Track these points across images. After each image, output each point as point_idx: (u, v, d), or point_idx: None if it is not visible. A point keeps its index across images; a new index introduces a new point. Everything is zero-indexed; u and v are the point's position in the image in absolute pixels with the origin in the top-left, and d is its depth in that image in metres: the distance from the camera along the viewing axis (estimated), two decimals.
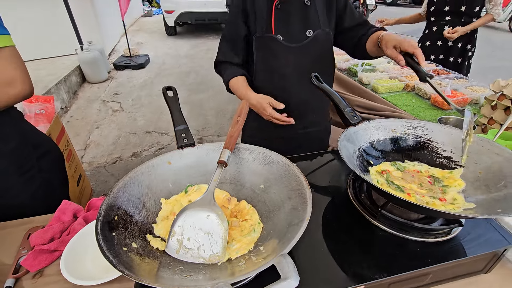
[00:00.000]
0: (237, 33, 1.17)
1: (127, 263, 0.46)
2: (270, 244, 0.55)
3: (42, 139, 1.16)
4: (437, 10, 2.27)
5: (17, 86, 0.88)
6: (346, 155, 0.74)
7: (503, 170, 0.70)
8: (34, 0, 4.21)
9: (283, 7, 1.11)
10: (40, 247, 0.80)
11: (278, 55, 1.15)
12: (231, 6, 1.18)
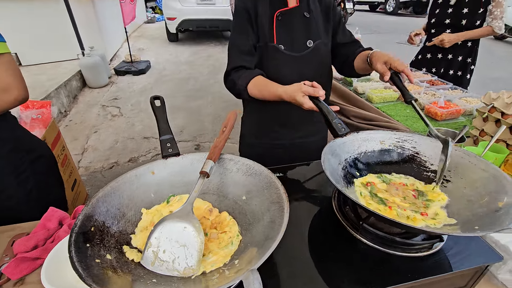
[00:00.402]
0: (248, 39, 1.14)
1: (97, 276, 0.45)
2: (246, 257, 0.55)
3: (35, 143, 1.18)
4: (437, 23, 2.22)
5: (13, 92, 0.91)
6: (329, 168, 0.74)
7: (487, 186, 0.70)
8: (37, 6, 4.28)
9: (284, 18, 1.13)
10: (23, 255, 0.79)
11: (280, 64, 1.16)
12: (237, 16, 1.16)
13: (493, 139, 1.12)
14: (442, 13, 2.18)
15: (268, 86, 1.06)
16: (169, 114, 0.86)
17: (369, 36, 8.67)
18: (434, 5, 2.25)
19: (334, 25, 1.22)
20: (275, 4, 1.13)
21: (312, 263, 0.66)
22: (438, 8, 2.20)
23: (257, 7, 1.12)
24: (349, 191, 0.78)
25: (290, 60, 1.16)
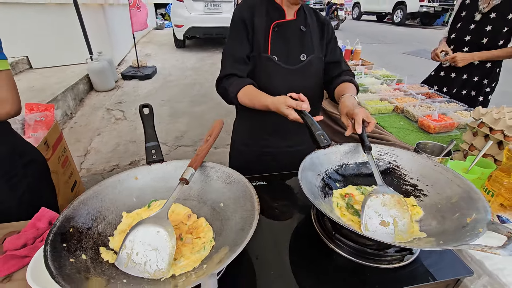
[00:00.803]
0: (243, 48, 1.17)
1: (68, 275, 0.48)
2: (214, 262, 0.57)
3: (28, 149, 1.22)
4: (457, 39, 2.01)
5: (7, 106, 0.96)
6: (305, 179, 0.76)
7: (460, 202, 0.71)
8: (49, 11, 4.43)
9: (280, 30, 1.16)
10: (12, 252, 0.83)
11: (273, 75, 1.18)
12: (233, 22, 1.18)
13: (480, 154, 1.13)
14: (463, 29, 1.96)
15: (257, 95, 1.09)
16: (172, 118, 0.90)
17: (374, 46, 8.70)
18: (456, 18, 2.04)
19: (327, 42, 1.26)
20: (272, 16, 1.16)
21: (289, 272, 0.68)
22: (460, 22, 1.99)
23: (254, 17, 1.15)
24: (327, 202, 0.80)
25: (283, 71, 1.18)
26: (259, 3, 1.17)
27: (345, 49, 2.90)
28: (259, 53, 1.16)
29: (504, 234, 0.54)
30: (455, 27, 2.04)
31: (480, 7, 1.88)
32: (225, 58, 1.20)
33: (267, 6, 1.16)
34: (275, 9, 1.16)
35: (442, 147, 1.21)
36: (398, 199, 0.71)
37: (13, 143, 1.13)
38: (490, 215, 0.60)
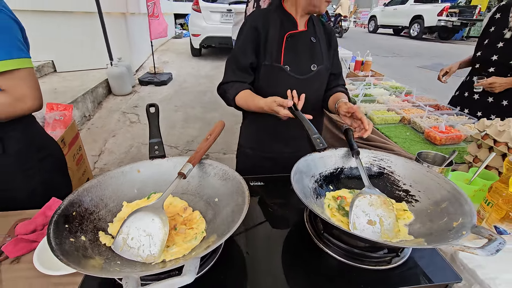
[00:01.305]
0: (247, 57, 1.21)
1: (67, 251, 0.53)
2: (202, 248, 0.60)
3: (47, 143, 1.30)
4: (483, 57, 1.85)
5: (27, 102, 1.03)
6: (299, 178, 0.78)
7: (449, 207, 0.72)
8: (75, 19, 4.71)
9: (293, 40, 1.19)
10: (22, 236, 0.89)
11: (283, 84, 1.19)
12: (243, 33, 1.21)
13: (482, 165, 1.12)
14: (490, 46, 1.80)
15: (253, 98, 1.15)
16: (184, 123, 0.96)
17: (390, 59, 8.66)
18: (484, 34, 1.87)
19: (335, 59, 1.31)
20: (286, 26, 1.19)
21: (280, 269, 0.70)
22: (488, 38, 1.84)
23: (269, 26, 1.18)
24: (318, 202, 0.82)
25: (293, 81, 1.21)
26: (273, 12, 1.21)
27: (355, 60, 2.92)
28: (271, 62, 1.19)
29: (486, 236, 0.55)
30: (482, 43, 1.87)
31: (510, 24, 1.72)
32: (229, 65, 1.25)
33: (281, 16, 1.20)
34: (288, 20, 1.20)
35: (444, 157, 1.20)
36: (384, 200, 0.72)
37: (32, 137, 1.21)
38: (476, 219, 0.61)
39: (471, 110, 1.98)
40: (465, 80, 2.05)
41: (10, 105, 0.99)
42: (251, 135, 1.42)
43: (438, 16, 11.50)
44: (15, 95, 0.99)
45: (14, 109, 1.01)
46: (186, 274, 0.43)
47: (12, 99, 0.99)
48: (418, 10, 12.46)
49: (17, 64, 0.95)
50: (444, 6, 11.55)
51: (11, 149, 1.11)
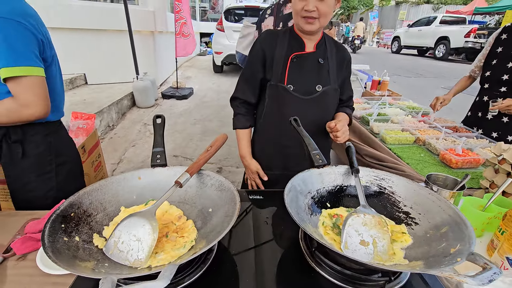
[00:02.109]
0: (256, 75, 1.27)
1: (58, 249, 0.56)
2: (187, 255, 0.61)
3: (67, 149, 1.38)
4: (493, 77, 1.84)
5: (31, 108, 1.07)
6: (292, 193, 0.78)
7: (449, 233, 0.68)
8: (107, 36, 5.08)
9: (299, 61, 1.21)
10: (30, 235, 0.94)
11: (287, 104, 1.23)
12: (253, 49, 1.27)
13: (498, 191, 1.06)
14: (500, 66, 1.79)
15: (244, 144, 1.38)
16: (203, 136, 1.01)
17: (413, 80, 8.47)
18: (491, 54, 1.88)
19: (346, 84, 1.35)
20: (293, 47, 1.21)
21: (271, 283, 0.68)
22: (496, 58, 1.84)
23: (276, 47, 1.22)
24: (313, 220, 0.80)
25: (297, 101, 1.22)
26: (283, 34, 1.24)
27: (372, 79, 2.90)
28: (276, 82, 1.22)
29: (480, 265, 0.51)
30: (490, 63, 1.87)
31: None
32: (240, 82, 1.33)
33: (290, 37, 1.23)
34: (296, 41, 1.22)
35: (456, 181, 1.14)
36: (379, 220, 0.70)
37: (53, 143, 1.29)
38: (474, 246, 0.57)
39: (485, 131, 1.93)
40: (476, 100, 2.02)
41: (15, 110, 1.05)
42: (259, 152, 1.43)
43: (465, 37, 11.21)
44: (20, 101, 1.04)
45: (19, 114, 1.06)
46: (160, 279, 0.44)
47: (18, 105, 1.04)
48: (444, 31, 12.24)
49: (24, 71, 1.00)
50: (472, 27, 11.28)
51: (30, 153, 1.20)
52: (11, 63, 1.00)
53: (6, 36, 0.98)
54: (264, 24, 2.05)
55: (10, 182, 1.23)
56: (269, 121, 1.32)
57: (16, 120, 1.09)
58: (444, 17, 13.19)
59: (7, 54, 0.99)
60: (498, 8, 14.25)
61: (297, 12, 1.10)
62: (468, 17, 14.36)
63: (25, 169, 1.19)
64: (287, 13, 1.91)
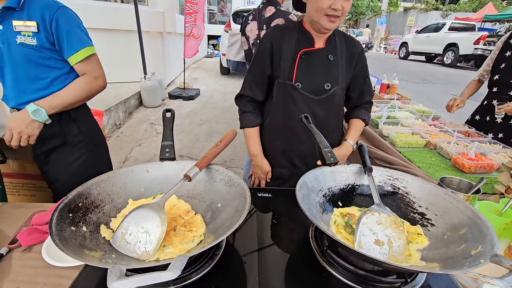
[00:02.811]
0: (264, 72, 1.23)
1: (65, 238, 0.54)
2: (196, 249, 0.59)
3: (98, 133, 1.49)
4: (501, 80, 1.83)
5: (101, 80, 1.26)
6: (305, 190, 0.76)
7: (468, 234, 0.65)
8: (117, 36, 5.14)
9: (307, 57, 1.16)
10: (36, 227, 0.93)
11: (296, 102, 1.20)
12: (261, 45, 1.22)
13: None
14: (509, 70, 1.80)
15: (254, 141, 1.35)
16: (209, 137, 1.00)
17: (421, 86, 8.40)
18: (500, 58, 1.88)
19: (359, 80, 1.28)
20: (301, 43, 1.17)
21: (278, 285, 0.66)
22: (504, 62, 1.83)
23: (284, 42, 1.17)
24: (324, 218, 0.78)
25: (305, 99, 1.19)
26: (292, 29, 1.20)
27: (381, 83, 2.87)
28: (284, 80, 1.19)
29: (507, 267, 0.48)
30: (498, 67, 1.86)
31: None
32: (246, 78, 1.30)
33: (299, 33, 1.19)
34: (305, 37, 1.18)
35: (470, 184, 1.11)
36: (394, 219, 0.67)
37: (92, 129, 1.43)
38: (497, 248, 0.54)
39: (495, 134, 1.91)
40: (484, 104, 2.00)
41: (89, 84, 1.21)
42: (269, 150, 1.40)
43: (474, 44, 11.10)
44: (93, 75, 1.21)
45: (92, 88, 1.23)
46: (170, 270, 0.42)
47: (91, 79, 1.21)
48: (453, 38, 12.13)
49: (93, 49, 1.23)
50: (482, 34, 11.16)
51: (83, 128, 1.29)
52: (89, 42, 1.21)
53: (77, 20, 1.19)
54: (248, 29, 2.11)
55: (60, 166, 1.29)
56: (276, 119, 1.29)
57: (91, 94, 1.25)
58: (453, 24, 13.08)
59: (82, 36, 1.19)
60: (508, 16, 14.10)
61: (322, 9, 1.04)
62: (477, 24, 14.23)
63: (77, 145, 1.28)
64: (268, 16, 2.00)
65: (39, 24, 1.10)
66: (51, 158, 1.29)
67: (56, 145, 1.28)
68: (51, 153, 1.29)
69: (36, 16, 1.10)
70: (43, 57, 1.16)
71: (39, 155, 1.29)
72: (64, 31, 1.13)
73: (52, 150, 1.28)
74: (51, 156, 1.29)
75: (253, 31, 2.09)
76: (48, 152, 1.28)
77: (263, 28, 2.02)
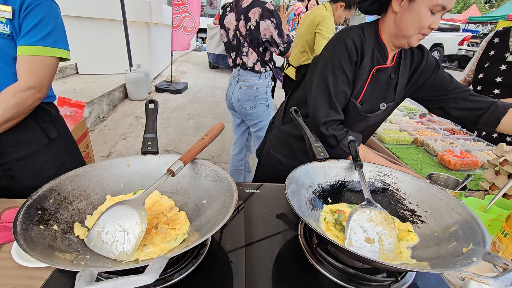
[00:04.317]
0: (348, 91, 1.05)
1: (31, 238, 0.49)
2: (179, 248, 0.55)
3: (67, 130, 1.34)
4: (486, 79, 1.86)
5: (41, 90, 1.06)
6: (294, 186, 0.73)
7: (459, 232, 0.64)
8: (100, 25, 4.93)
9: (377, 75, 1.05)
10: (6, 224, 0.86)
11: (352, 120, 1.11)
12: (342, 51, 1.01)
13: (500, 193, 1.03)
14: (493, 69, 1.83)
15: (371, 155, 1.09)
16: (196, 132, 0.94)
17: None
18: (484, 57, 1.91)
19: (447, 85, 1.12)
20: (376, 58, 1.03)
21: (265, 285, 0.63)
22: (488, 61, 1.87)
23: (364, 54, 1.01)
24: (314, 214, 0.76)
25: (361, 118, 1.11)
26: (369, 38, 1.02)
27: None
28: (351, 98, 1.07)
29: (500, 265, 0.47)
30: (483, 66, 1.90)
31: (511, 47, 1.78)
32: (329, 96, 1.03)
33: (374, 44, 1.03)
34: (380, 49, 1.04)
35: (457, 181, 1.12)
36: (385, 216, 0.65)
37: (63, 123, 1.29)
38: (489, 246, 0.53)
39: (486, 133, 1.92)
40: None
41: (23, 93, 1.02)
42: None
43: (458, 45, 11.40)
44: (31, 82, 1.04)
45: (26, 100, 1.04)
46: (147, 273, 0.38)
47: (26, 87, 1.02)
48: (438, 38, 12.41)
49: (66, 54, 1.06)
50: (466, 35, 11.48)
51: (54, 136, 1.16)
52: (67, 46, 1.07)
53: (61, 19, 1.06)
54: (226, 21, 2.08)
55: (45, 168, 1.16)
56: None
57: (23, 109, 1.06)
58: (439, 24, 13.37)
59: (61, 34, 1.04)
60: (491, 18, 14.55)
61: (422, 27, 0.92)
62: (462, 25, 14.61)
63: (56, 150, 1.16)
64: (245, 6, 1.98)
65: (15, 10, 0.93)
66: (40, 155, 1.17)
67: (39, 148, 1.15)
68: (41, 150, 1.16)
69: (16, 1, 0.93)
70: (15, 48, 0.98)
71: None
72: (37, 16, 0.95)
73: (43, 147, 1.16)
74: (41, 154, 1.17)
75: (231, 23, 2.07)
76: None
77: (241, 19, 2.00)
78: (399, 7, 0.94)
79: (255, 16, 1.94)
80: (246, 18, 1.98)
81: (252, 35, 2.01)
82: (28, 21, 0.94)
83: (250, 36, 2.02)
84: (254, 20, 1.95)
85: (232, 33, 2.09)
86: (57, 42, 1.01)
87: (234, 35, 2.09)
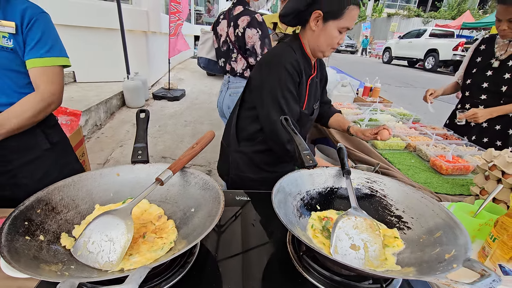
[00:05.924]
0: (298, 113, 1.22)
1: (16, 249, 0.50)
2: (165, 257, 0.56)
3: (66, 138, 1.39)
4: (473, 85, 1.91)
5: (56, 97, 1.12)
6: (281, 194, 0.74)
7: (443, 237, 0.65)
8: (98, 33, 4.98)
9: (311, 83, 1.25)
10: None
11: (301, 123, 1.28)
12: (287, 76, 1.13)
13: (489, 197, 1.04)
14: (480, 75, 1.87)
15: None
16: (193, 138, 0.95)
17: (403, 89, 8.63)
18: (471, 64, 1.96)
19: (323, 84, 1.46)
20: (307, 70, 1.22)
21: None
22: (475, 67, 1.92)
23: (303, 72, 1.17)
24: (301, 222, 0.76)
25: (306, 120, 1.29)
26: (300, 55, 1.17)
27: (364, 86, 2.91)
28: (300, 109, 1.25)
29: (478, 271, 0.48)
30: (470, 72, 1.95)
31: (496, 54, 1.82)
32: (284, 96, 1.14)
33: (303, 58, 1.18)
34: (308, 62, 1.22)
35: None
36: (371, 223, 0.66)
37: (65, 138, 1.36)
38: (471, 252, 0.54)
39: (469, 137, 2.00)
40: (459, 107, 2.09)
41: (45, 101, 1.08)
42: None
43: (453, 50, 11.55)
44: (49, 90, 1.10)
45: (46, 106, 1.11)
46: (127, 283, 0.39)
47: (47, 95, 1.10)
48: (433, 44, 12.58)
49: (67, 61, 1.13)
50: (460, 41, 11.63)
51: (55, 140, 1.20)
52: (61, 54, 1.10)
53: (56, 32, 1.09)
54: (219, 28, 2.13)
55: (49, 172, 1.18)
56: None
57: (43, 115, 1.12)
58: (434, 30, 13.58)
59: (59, 44, 1.09)
60: (484, 24, 14.77)
61: (332, 44, 1.11)
62: (456, 31, 14.83)
63: (51, 159, 1.18)
64: (237, 13, 2.04)
65: (18, 25, 0.98)
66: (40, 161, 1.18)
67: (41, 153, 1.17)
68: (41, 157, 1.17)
69: (16, 16, 0.98)
70: (18, 63, 1.03)
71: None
72: (39, 30, 1.01)
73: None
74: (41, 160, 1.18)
75: (223, 29, 2.13)
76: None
77: (231, 25, 2.07)
78: (315, 26, 1.10)
79: (243, 23, 1.99)
80: (235, 25, 2.03)
81: (240, 42, 2.06)
82: (32, 36, 1.00)
83: (238, 42, 2.07)
84: (242, 27, 2.00)
85: (223, 40, 2.13)
86: (61, 51, 1.09)
87: (225, 41, 2.13)
